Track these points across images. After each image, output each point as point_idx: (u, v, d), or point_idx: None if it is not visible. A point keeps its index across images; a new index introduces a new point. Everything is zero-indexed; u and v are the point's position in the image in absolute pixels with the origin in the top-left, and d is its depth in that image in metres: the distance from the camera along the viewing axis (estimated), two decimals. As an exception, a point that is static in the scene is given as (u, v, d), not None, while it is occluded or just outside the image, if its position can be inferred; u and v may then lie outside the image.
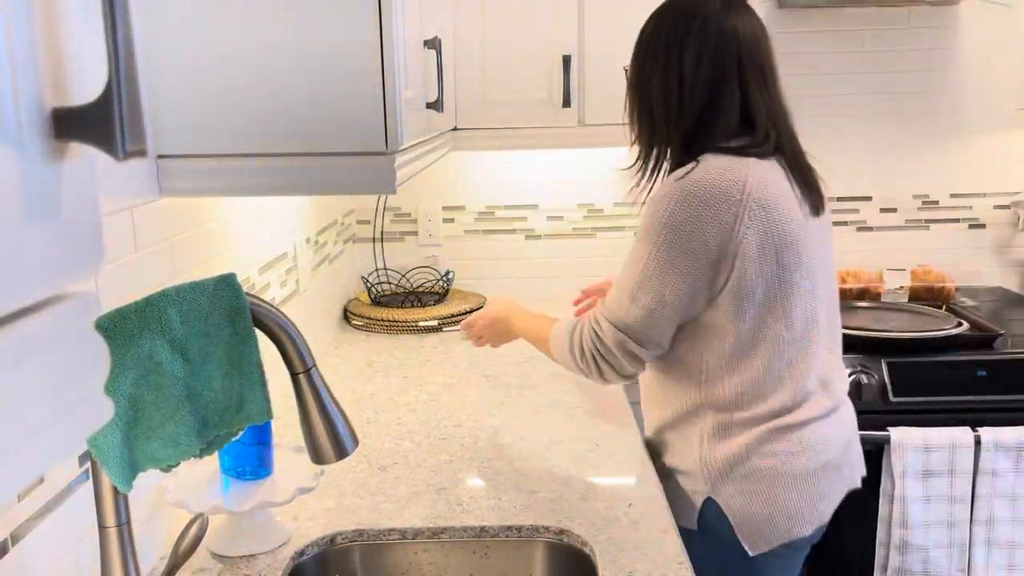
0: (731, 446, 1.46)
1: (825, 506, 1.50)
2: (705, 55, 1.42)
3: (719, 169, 1.38)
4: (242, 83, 1.20)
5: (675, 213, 1.37)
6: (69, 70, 0.38)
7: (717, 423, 1.47)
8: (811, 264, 1.44)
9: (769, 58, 1.47)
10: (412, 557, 1.35)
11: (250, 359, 1.00)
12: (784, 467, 1.45)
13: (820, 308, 1.48)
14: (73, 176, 0.38)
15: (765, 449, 1.45)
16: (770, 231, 1.38)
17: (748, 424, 1.45)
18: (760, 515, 1.46)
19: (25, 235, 0.35)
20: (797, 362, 1.45)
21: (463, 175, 2.77)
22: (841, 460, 1.51)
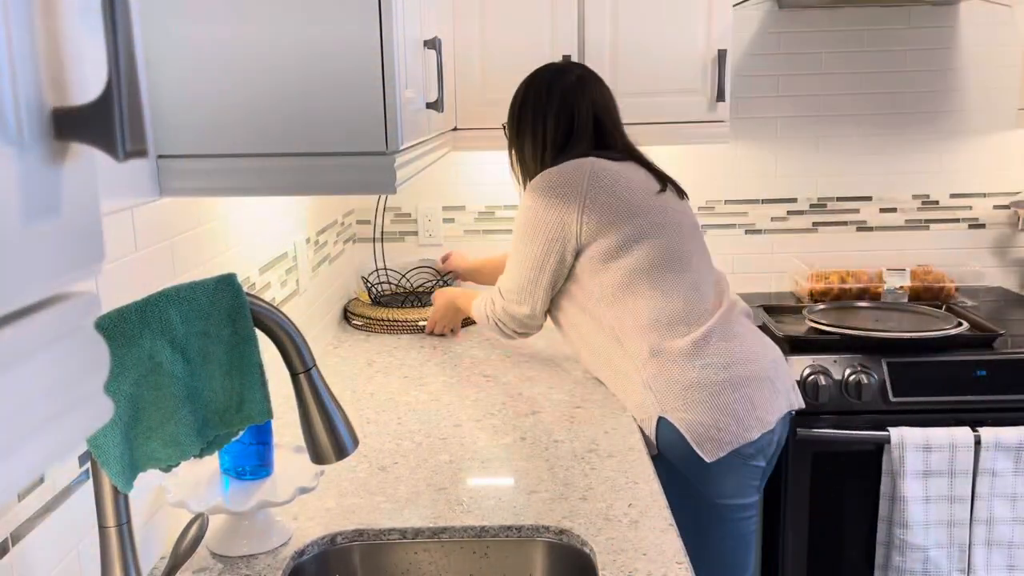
0: (664, 367, 1.74)
1: (764, 413, 1.73)
2: (563, 119, 1.88)
3: (566, 165, 1.82)
4: (242, 83, 1.20)
5: (536, 201, 1.82)
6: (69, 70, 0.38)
7: (644, 352, 1.76)
8: (664, 211, 1.82)
9: (616, 115, 1.93)
10: (412, 557, 1.35)
11: (250, 359, 1.00)
12: (719, 375, 1.72)
13: (685, 247, 1.82)
14: (73, 176, 0.38)
15: (698, 363, 1.72)
16: (616, 195, 1.78)
17: (670, 343, 1.74)
18: (708, 422, 1.69)
19: (25, 235, 0.35)
20: (681, 286, 1.78)
21: (463, 175, 2.77)
22: (772, 374, 1.78)
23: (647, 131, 2.29)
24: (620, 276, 1.78)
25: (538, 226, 1.82)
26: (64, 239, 0.38)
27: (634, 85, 2.28)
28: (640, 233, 1.78)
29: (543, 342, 2.33)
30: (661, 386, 1.73)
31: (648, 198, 1.81)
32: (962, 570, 2.20)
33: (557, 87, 1.89)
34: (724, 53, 2.26)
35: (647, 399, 1.75)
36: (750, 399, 1.72)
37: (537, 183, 1.83)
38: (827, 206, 2.83)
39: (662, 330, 1.75)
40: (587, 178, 1.79)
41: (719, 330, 1.76)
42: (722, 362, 1.73)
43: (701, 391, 1.71)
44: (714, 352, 1.74)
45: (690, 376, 1.72)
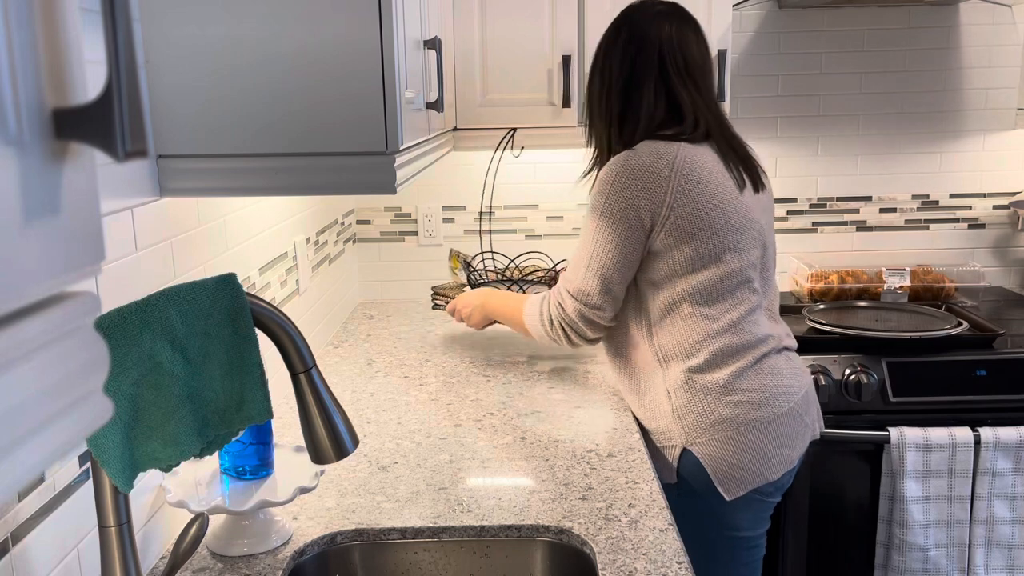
0: (698, 397, 1.63)
1: (790, 451, 1.66)
2: (627, 61, 1.65)
3: (650, 152, 1.60)
4: (242, 83, 1.20)
5: (611, 192, 1.61)
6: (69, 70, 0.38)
7: (680, 378, 1.64)
8: (741, 230, 1.63)
9: (697, 61, 1.67)
10: (412, 557, 1.35)
11: (250, 359, 1.00)
12: (750, 414, 1.62)
13: (752, 270, 1.67)
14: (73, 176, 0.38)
15: (730, 399, 1.62)
16: (699, 201, 1.59)
17: (708, 375, 1.63)
18: (733, 461, 1.62)
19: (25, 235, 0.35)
20: (735, 315, 1.64)
21: (463, 175, 2.77)
22: (803, 409, 1.69)
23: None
24: (679, 295, 1.63)
25: (615, 218, 1.60)
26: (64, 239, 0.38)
27: (634, 85, 2.27)
28: (714, 252, 1.61)
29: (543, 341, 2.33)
30: (691, 418, 1.63)
31: (731, 207, 1.62)
32: (962, 570, 2.20)
33: (625, 24, 1.68)
34: (724, 53, 2.26)
35: (674, 428, 1.66)
36: (777, 438, 1.64)
37: (617, 167, 1.61)
38: (827, 206, 2.83)
39: (705, 360, 1.62)
40: (675, 176, 1.58)
41: (759, 363, 1.65)
42: (755, 400, 1.63)
43: (729, 429, 1.62)
44: (749, 388, 1.63)
45: (721, 412, 1.62)
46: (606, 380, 2.03)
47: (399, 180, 1.24)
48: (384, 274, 2.84)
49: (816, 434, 1.74)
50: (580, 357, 2.20)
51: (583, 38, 2.27)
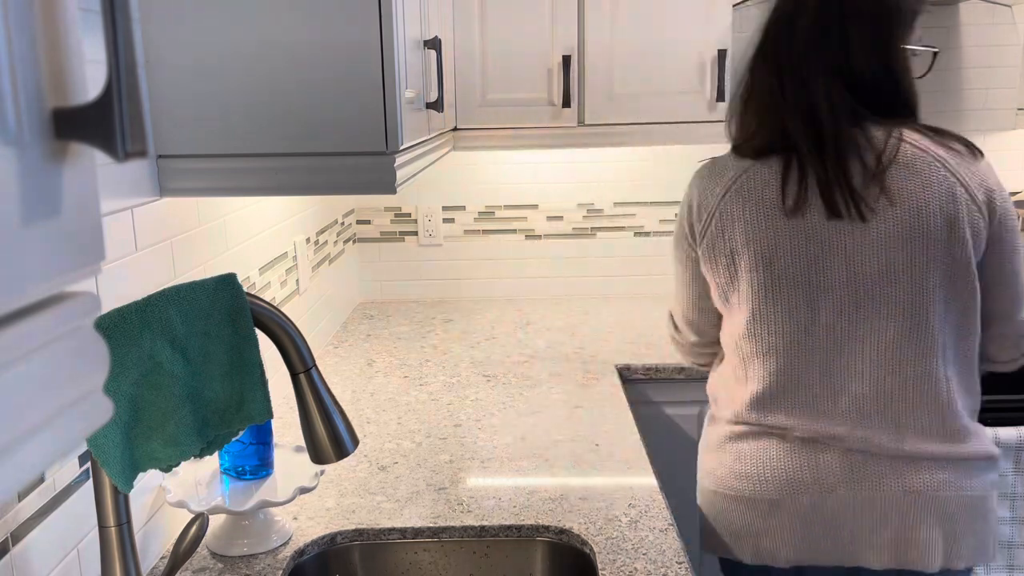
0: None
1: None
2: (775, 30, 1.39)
3: (723, 159, 1.42)
4: (242, 83, 1.20)
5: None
6: (69, 70, 0.38)
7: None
8: (793, 271, 1.30)
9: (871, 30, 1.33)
10: (412, 557, 1.35)
11: (250, 359, 1.00)
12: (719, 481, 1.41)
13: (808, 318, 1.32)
14: (73, 176, 0.38)
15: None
16: (734, 227, 1.34)
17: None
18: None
19: (25, 235, 0.35)
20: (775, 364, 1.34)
21: (463, 175, 2.77)
22: (815, 511, 1.34)
23: (647, 131, 2.30)
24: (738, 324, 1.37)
25: (677, 231, 1.45)
26: (64, 239, 0.38)
27: (634, 85, 2.27)
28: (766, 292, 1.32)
29: (543, 342, 2.33)
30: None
31: (779, 232, 1.30)
32: (962, 570, 2.20)
33: None
34: (724, 53, 2.26)
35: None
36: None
37: (702, 170, 1.42)
38: (827, 206, 2.82)
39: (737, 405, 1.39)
40: (729, 189, 1.35)
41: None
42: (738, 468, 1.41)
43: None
44: (733, 448, 1.43)
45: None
46: (606, 380, 2.02)
47: (399, 180, 1.24)
48: (384, 274, 2.84)
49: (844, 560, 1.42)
50: (579, 357, 2.20)
51: (583, 38, 2.27)
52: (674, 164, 2.74)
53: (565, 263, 2.83)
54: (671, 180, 2.76)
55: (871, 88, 1.30)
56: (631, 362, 2.14)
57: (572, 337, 2.38)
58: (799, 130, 1.29)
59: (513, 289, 2.84)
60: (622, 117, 2.29)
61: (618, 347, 2.27)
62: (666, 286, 2.55)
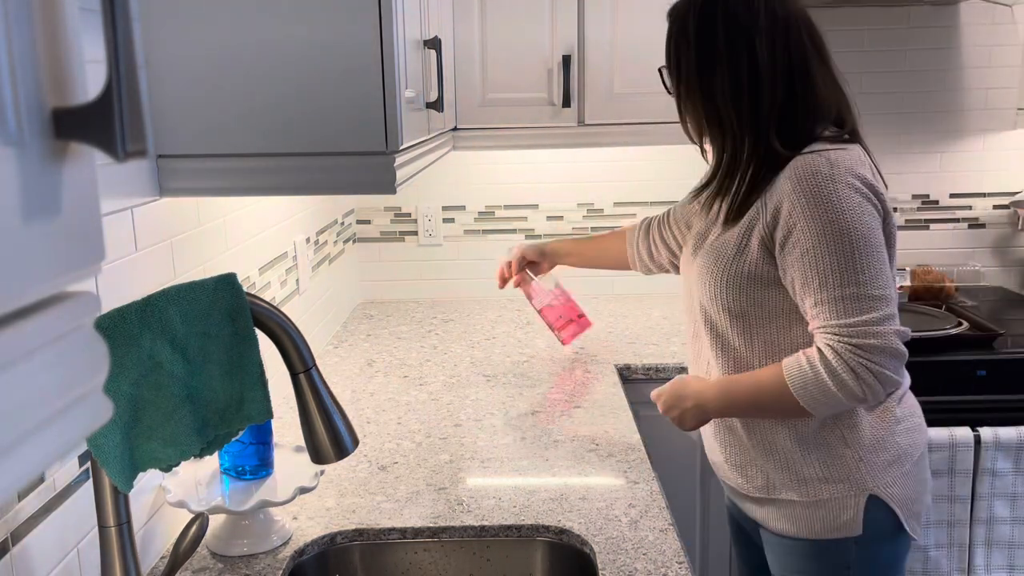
0: (883, 432, 1.39)
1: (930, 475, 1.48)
2: (779, 41, 1.33)
3: (854, 160, 1.33)
4: (242, 83, 1.20)
5: (848, 208, 1.30)
6: (69, 70, 0.38)
7: (855, 415, 1.38)
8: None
9: (821, 36, 1.42)
10: (412, 557, 1.35)
11: (250, 359, 1.00)
12: (918, 440, 1.42)
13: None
14: (73, 176, 0.38)
15: (901, 427, 1.40)
16: (886, 219, 1.41)
17: (889, 404, 1.40)
18: (914, 496, 1.41)
19: (25, 235, 0.35)
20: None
21: (463, 175, 2.77)
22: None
23: (647, 131, 2.30)
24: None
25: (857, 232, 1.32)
26: (64, 239, 0.38)
27: (634, 85, 2.27)
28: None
29: (543, 341, 2.33)
30: (877, 459, 1.38)
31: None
32: (962, 570, 2.20)
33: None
34: (724, 53, 2.26)
35: (857, 474, 1.38)
36: (928, 461, 1.47)
37: (836, 176, 1.30)
38: (827, 206, 2.82)
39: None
40: (878, 183, 1.38)
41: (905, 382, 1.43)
42: (916, 423, 1.44)
43: (907, 462, 1.40)
44: (908, 410, 1.43)
45: (899, 444, 1.40)
46: (606, 380, 2.02)
47: (399, 180, 1.24)
48: (384, 274, 2.84)
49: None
50: (579, 358, 2.20)
51: (583, 38, 2.27)
52: (674, 164, 2.74)
53: (565, 263, 2.83)
54: (671, 180, 2.76)
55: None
56: (631, 362, 2.14)
57: (572, 337, 2.38)
58: (854, 119, 1.43)
59: (513, 289, 2.84)
60: (622, 117, 2.29)
61: (618, 347, 2.27)
62: (666, 286, 2.55)
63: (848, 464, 1.38)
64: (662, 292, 2.77)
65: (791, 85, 1.35)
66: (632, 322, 2.51)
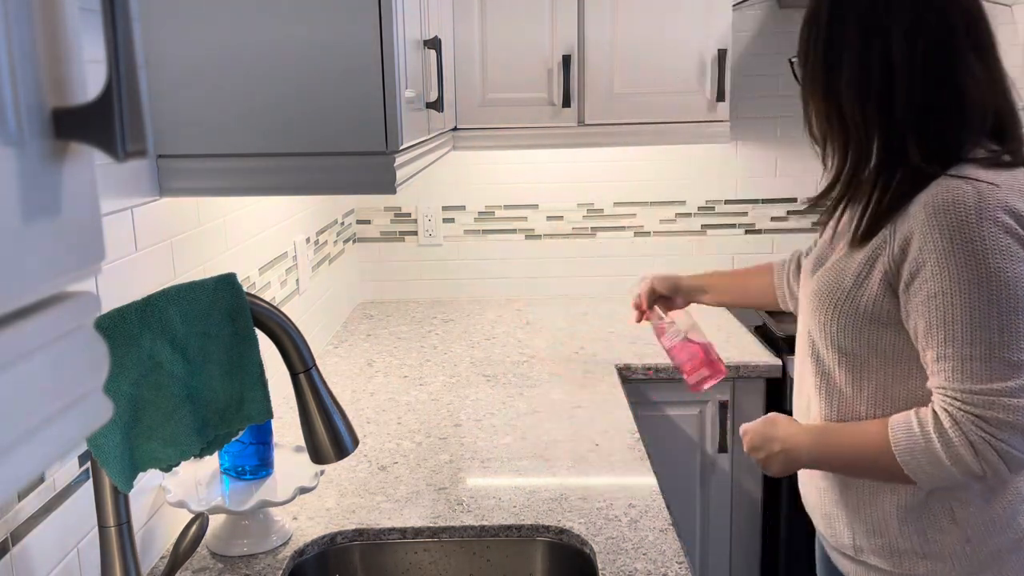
0: (988, 508, 1.18)
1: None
2: (924, 30, 1.14)
3: (1010, 191, 1.10)
4: (242, 83, 1.20)
5: (993, 251, 1.07)
6: (69, 70, 0.38)
7: (977, 488, 1.18)
8: None
9: (985, 28, 1.21)
10: (412, 557, 1.35)
11: (250, 359, 1.00)
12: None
13: None
14: (73, 176, 0.38)
15: (1019, 508, 1.18)
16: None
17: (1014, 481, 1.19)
18: None
19: (25, 235, 0.35)
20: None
21: (463, 175, 2.77)
22: None
23: (647, 131, 2.30)
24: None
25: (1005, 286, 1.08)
26: (64, 239, 0.38)
27: (634, 85, 2.27)
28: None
29: (543, 341, 2.33)
30: (986, 538, 1.17)
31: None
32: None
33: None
34: (724, 53, 2.26)
35: (962, 554, 1.18)
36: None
37: (980, 209, 1.07)
38: (827, 206, 2.82)
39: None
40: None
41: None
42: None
43: (1019, 554, 1.19)
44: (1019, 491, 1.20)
45: (1021, 523, 1.19)
46: (606, 379, 2.02)
47: (399, 180, 1.24)
48: (384, 274, 2.84)
49: None
50: (579, 358, 2.20)
51: (583, 38, 2.27)
52: (674, 164, 2.74)
53: (565, 263, 2.83)
54: (671, 180, 2.76)
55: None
56: (631, 362, 2.14)
57: (572, 337, 2.38)
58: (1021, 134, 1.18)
59: (513, 289, 2.84)
60: (622, 117, 2.29)
61: (618, 347, 2.27)
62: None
63: (952, 543, 1.18)
64: (662, 292, 2.77)
65: (933, 84, 1.13)
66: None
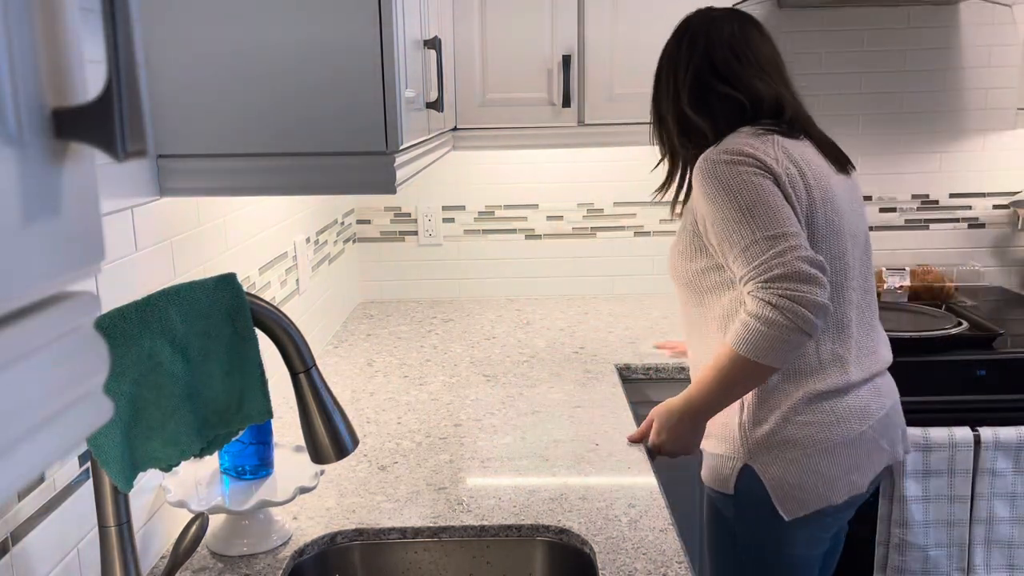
0: (769, 415, 1.51)
1: (859, 477, 1.54)
2: (693, 63, 1.58)
3: (741, 142, 1.50)
4: (242, 83, 1.20)
5: (728, 176, 1.47)
6: (69, 70, 0.38)
7: (757, 391, 1.51)
8: (839, 231, 1.52)
9: (769, 55, 1.62)
10: (412, 556, 1.35)
11: (250, 359, 1.00)
12: (819, 436, 1.50)
13: (850, 275, 1.54)
14: (73, 176, 0.38)
15: (801, 419, 1.50)
16: (808, 197, 1.49)
17: (785, 392, 1.51)
18: (795, 482, 1.51)
19: (25, 235, 0.35)
20: (831, 329, 1.51)
21: (463, 175, 2.77)
22: (879, 433, 1.55)
23: (647, 131, 2.29)
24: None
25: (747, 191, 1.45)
26: (64, 239, 0.38)
27: (634, 85, 2.27)
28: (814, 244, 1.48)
29: (543, 342, 2.33)
30: (758, 435, 1.51)
31: (828, 195, 1.51)
32: (962, 569, 2.20)
33: (694, 24, 1.62)
34: (724, 53, 2.26)
35: (738, 441, 1.54)
36: (845, 464, 1.51)
37: (717, 158, 1.49)
38: (827, 206, 2.82)
39: (787, 377, 1.51)
40: (783, 156, 1.49)
41: (841, 383, 1.51)
42: (828, 420, 1.50)
43: (795, 450, 1.50)
44: (824, 410, 1.50)
45: (789, 432, 1.50)
46: (606, 379, 2.03)
47: (399, 180, 1.24)
48: (384, 274, 2.84)
49: (898, 457, 1.61)
50: (579, 358, 2.20)
51: (583, 38, 2.27)
52: (674, 164, 2.73)
53: (565, 263, 2.83)
54: (671, 180, 2.76)
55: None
56: (631, 362, 2.14)
57: (572, 337, 2.38)
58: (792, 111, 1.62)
59: (513, 289, 2.84)
60: (622, 117, 2.29)
61: (618, 347, 2.27)
62: (666, 285, 2.55)
63: (734, 430, 1.54)
64: (662, 292, 2.78)
65: (712, 104, 1.59)
66: (632, 322, 2.51)
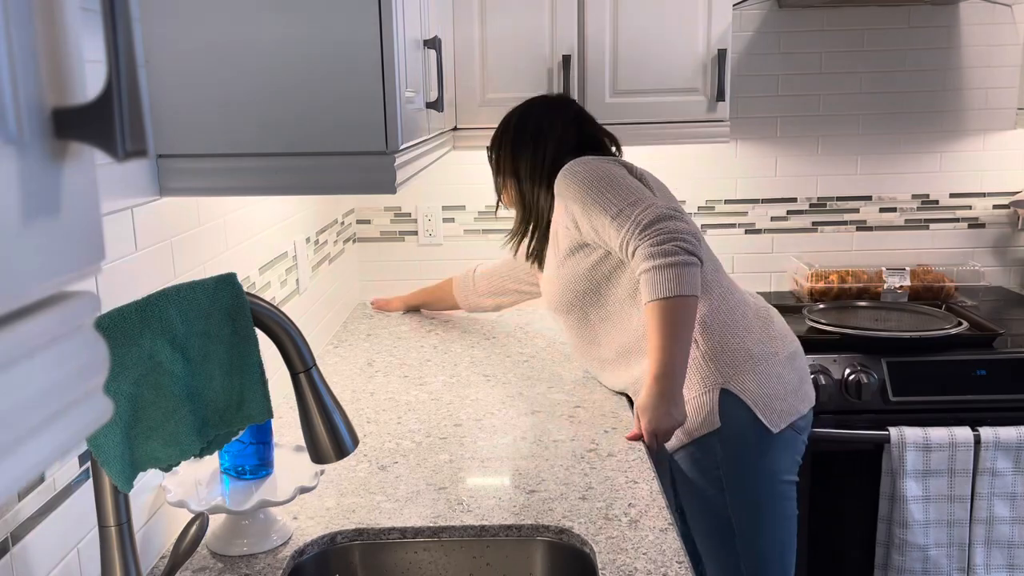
0: (727, 337, 1.73)
1: (808, 388, 1.80)
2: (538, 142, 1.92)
3: (581, 156, 1.81)
4: (242, 83, 1.20)
5: (578, 171, 1.75)
6: (69, 70, 0.38)
7: (703, 323, 1.73)
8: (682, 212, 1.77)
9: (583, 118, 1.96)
10: (412, 556, 1.35)
11: (250, 358, 1.00)
12: (771, 349, 1.75)
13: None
14: (73, 176, 0.38)
15: (752, 336, 1.74)
16: (656, 186, 1.84)
17: (729, 317, 1.75)
18: (771, 392, 1.70)
19: (25, 235, 0.35)
20: (718, 272, 1.82)
21: (463, 175, 2.77)
22: (802, 353, 1.84)
23: (647, 131, 2.30)
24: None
25: (603, 175, 1.74)
26: (64, 239, 0.38)
27: (634, 84, 2.28)
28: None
29: (543, 341, 2.33)
30: (725, 357, 1.71)
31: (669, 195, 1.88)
32: (962, 569, 2.20)
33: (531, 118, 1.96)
34: (724, 53, 2.26)
35: (707, 370, 1.72)
36: (799, 372, 1.77)
37: (572, 165, 1.79)
38: (827, 206, 2.83)
39: (722, 323, 1.76)
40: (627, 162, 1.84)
41: (764, 310, 1.82)
42: (775, 335, 1.77)
43: (760, 363, 1.72)
44: (765, 328, 1.77)
45: (750, 348, 1.73)
46: (606, 380, 2.02)
47: (399, 180, 1.24)
48: (384, 274, 2.84)
49: (812, 400, 1.83)
50: (580, 357, 2.20)
51: (583, 37, 2.27)
52: (674, 164, 2.74)
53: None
54: (671, 180, 2.75)
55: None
56: (631, 362, 2.14)
57: (572, 337, 2.38)
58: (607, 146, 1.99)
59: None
60: (622, 117, 2.29)
61: (618, 347, 2.27)
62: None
63: (701, 365, 1.71)
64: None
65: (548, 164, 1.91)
66: (632, 322, 2.51)
